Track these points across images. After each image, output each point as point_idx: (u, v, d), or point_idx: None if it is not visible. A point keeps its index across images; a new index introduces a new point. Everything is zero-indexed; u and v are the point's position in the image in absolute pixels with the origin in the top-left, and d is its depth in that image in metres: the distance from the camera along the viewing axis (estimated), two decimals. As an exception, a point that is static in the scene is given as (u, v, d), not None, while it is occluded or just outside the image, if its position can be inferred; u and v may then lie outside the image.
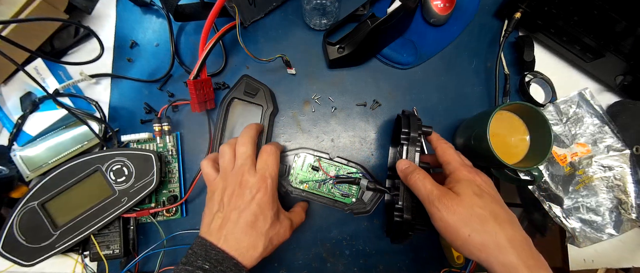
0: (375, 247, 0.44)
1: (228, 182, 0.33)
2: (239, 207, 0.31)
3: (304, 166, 0.43)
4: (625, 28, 0.41)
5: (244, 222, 0.31)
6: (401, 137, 0.35)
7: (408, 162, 0.34)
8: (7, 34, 0.38)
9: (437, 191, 0.30)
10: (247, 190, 0.32)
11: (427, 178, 0.32)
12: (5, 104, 0.44)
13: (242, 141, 0.35)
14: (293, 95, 0.46)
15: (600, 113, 0.45)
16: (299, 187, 0.42)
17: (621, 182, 0.43)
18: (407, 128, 0.35)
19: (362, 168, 0.43)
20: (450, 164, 0.33)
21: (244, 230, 0.31)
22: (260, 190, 0.32)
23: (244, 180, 0.33)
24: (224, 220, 0.31)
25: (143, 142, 0.43)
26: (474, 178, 0.31)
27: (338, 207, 0.42)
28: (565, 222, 0.43)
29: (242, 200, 0.32)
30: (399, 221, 0.34)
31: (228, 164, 0.34)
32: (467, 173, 0.32)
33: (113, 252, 0.40)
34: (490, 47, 0.48)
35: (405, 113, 0.38)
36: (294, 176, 0.42)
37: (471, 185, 0.30)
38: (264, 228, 0.32)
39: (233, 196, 0.32)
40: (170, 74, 0.46)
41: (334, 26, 0.44)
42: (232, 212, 0.31)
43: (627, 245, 0.47)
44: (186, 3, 0.42)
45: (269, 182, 0.33)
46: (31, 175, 0.42)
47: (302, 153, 0.43)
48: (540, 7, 0.43)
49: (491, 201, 0.30)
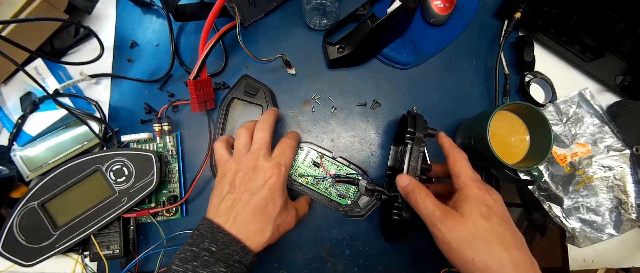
0: (375, 247, 0.44)
1: (242, 165, 0.33)
2: (250, 190, 0.31)
3: (306, 160, 0.43)
4: (625, 28, 0.41)
5: (254, 205, 0.31)
6: (406, 136, 0.35)
7: (408, 178, 0.33)
8: (7, 34, 0.38)
9: (440, 212, 0.29)
10: (261, 174, 0.32)
11: (428, 197, 0.31)
12: (5, 104, 0.44)
13: (261, 126, 0.35)
14: (293, 95, 0.46)
15: (600, 113, 0.45)
16: (297, 180, 0.42)
17: (621, 182, 0.43)
18: (413, 128, 0.35)
19: (362, 172, 0.43)
20: (459, 178, 0.32)
21: (253, 213, 0.31)
22: (273, 176, 0.32)
23: (258, 164, 0.32)
24: (235, 201, 0.31)
25: (143, 142, 0.43)
26: (483, 197, 0.30)
27: (332, 207, 0.42)
28: (565, 222, 0.43)
29: (255, 183, 0.32)
30: (398, 220, 0.34)
31: (243, 148, 0.34)
32: (477, 190, 0.30)
33: (113, 252, 0.40)
34: (490, 47, 0.48)
35: (411, 113, 0.38)
36: (294, 168, 0.42)
37: (479, 205, 0.29)
38: (273, 214, 0.31)
39: (245, 178, 0.32)
40: (170, 74, 0.46)
41: (334, 26, 0.44)
42: (243, 194, 0.31)
43: (627, 245, 0.47)
44: (186, 3, 0.42)
45: (283, 170, 0.33)
46: (31, 174, 0.42)
47: (306, 147, 0.43)
48: (540, 7, 0.43)
49: (499, 223, 0.28)
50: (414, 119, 0.36)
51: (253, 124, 0.36)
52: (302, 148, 0.43)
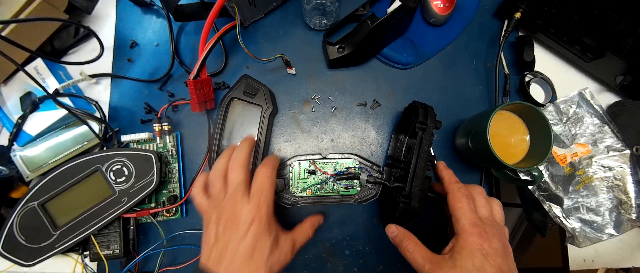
0: (375, 247, 0.44)
1: (222, 211, 0.32)
2: (234, 239, 0.30)
3: (301, 173, 0.43)
4: (625, 28, 0.41)
5: (241, 256, 0.29)
6: (417, 126, 0.35)
7: (396, 228, 0.33)
8: (7, 34, 0.38)
9: (429, 266, 0.29)
10: (242, 221, 0.30)
11: (417, 249, 0.30)
12: (5, 104, 0.44)
13: (233, 166, 0.33)
14: (293, 95, 0.46)
15: (600, 113, 0.45)
16: (303, 195, 0.42)
17: (621, 182, 0.43)
18: (424, 118, 0.35)
19: (356, 157, 0.43)
20: (459, 222, 0.30)
21: (242, 262, 0.29)
22: (255, 220, 0.30)
23: (237, 209, 0.31)
24: (222, 251, 0.30)
25: (143, 142, 0.43)
26: (480, 246, 0.29)
27: (346, 201, 0.42)
28: (565, 222, 0.43)
29: (237, 233, 0.30)
30: (405, 208, 0.33)
31: (219, 193, 0.33)
32: (476, 238, 0.29)
33: (113, 252, 0.40)
34: (490, 47, 0.48)
35: (420, 103, 0.38)
36: (295, 186, 0.42)
37: (475, 256, 0.28)
38: (262, 259, 0.30)
39: (227, 227, 0.31)
40: (170, 74, 0.46)
41: (334, 26, 0.44)
42: (228, 244, 0.30)
43: (627, 245, 0.47)
44: (186, 3, 0.42)
45: (264, 210, 0.31)
46: (31, 174, 0.42)
47: (295, 162, 0.43)
48: (540, 7, 0.43)
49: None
50: (425, 110, 0.36)
51: (226, 162, 0.34)
52: (292, 165, 0.43)
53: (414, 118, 0.38)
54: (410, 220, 0.34)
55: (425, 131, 0.35)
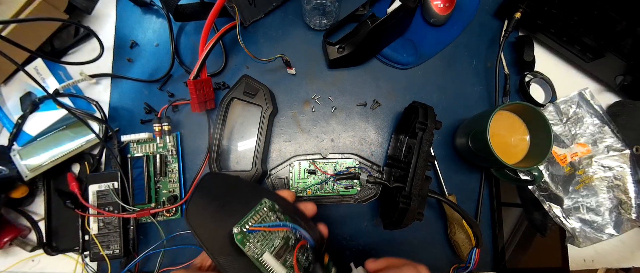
0: (375, 247, 0.44)
1: None
2: None
3: (301, 173, 0.43)
4: (625, 28, 0.41)
5: None
6: (417, 126, 0.35)
7: (374, 263, 0.32)
8: (7, 34, 0.38)
9: None
10: None
11: None
12: (5, 104, 0.43)
13: None
14: (293, 95, 0.46)
15: (600, 113, 0.45)
16: (303, 195, 0.42)
17: (621, 182, 0.43)
18: (424, 118, 0.35)
19: (356, 157, 0.43)
20: None
21: None
22: None
23: None
24: None
25: (143, 142, 0.43)
26: None
27: (346, 201, 0.42)
28: (565, 222, 0.43)
29: None
30: (404, 208, 0.34)
31: None
32: None
33: (113, 252, 0.40)
34: (490, 47, 0.48)
35: (420, 103, 0.38)
36: (294, 186, 0.42)
37: None
38: None
39: None
40: (170, 74, 0.46)
41: (334, 26, 0.44)
42: None
43: (627, 245, 0.47)
44: (186, 3, 0.42)
45: None
46: (31, 174, 0.42)
47: (295, 162, 0.43)
48: (540, 7, 0.43)
49: None
50: (425, 110, 0.36)
51: None
52: (292, 165, 0.43)
53: (414, 118, 0.38)
54: (409, 221, 0.34)
55: (425, 131, 0.35)
